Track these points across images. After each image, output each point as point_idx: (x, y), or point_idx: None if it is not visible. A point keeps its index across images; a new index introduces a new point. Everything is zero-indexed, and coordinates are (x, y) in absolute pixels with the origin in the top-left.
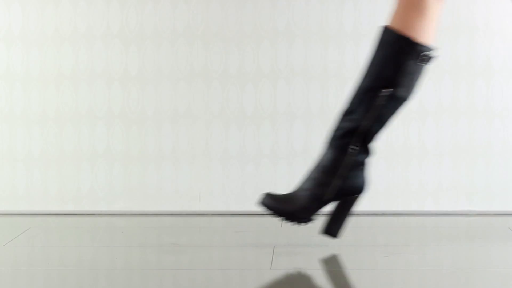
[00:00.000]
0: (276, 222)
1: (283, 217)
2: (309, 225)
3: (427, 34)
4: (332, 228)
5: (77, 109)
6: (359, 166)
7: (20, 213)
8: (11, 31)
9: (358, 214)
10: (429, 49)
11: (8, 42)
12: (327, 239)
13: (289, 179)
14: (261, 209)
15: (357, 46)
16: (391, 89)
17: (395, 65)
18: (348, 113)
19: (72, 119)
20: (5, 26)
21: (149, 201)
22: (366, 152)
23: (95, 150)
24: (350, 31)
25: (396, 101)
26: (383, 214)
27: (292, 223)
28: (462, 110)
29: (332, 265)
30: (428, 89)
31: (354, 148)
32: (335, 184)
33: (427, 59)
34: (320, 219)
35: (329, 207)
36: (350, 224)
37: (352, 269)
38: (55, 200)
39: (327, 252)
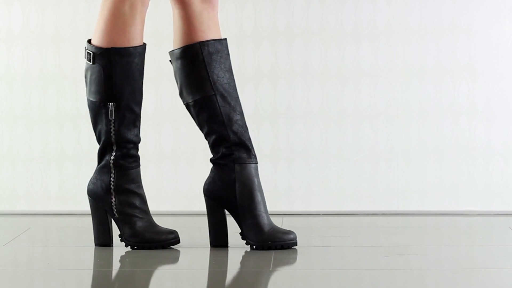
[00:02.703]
0: (277, 223)
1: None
2: (307, 226)
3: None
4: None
5: (77, 109)
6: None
7: (20, 213)
8: (11, 31)
9: (358, 214)
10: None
11: (8, 42)
12: (327, 239)
13: (289, 179)
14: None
15: (357, 46)
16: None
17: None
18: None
19: (72, 119)
20: (5, 26)
21: (149, 201)
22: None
23: (95, 150)
24: (350, 31)
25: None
26: (383, 214)
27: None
28: (462, 110)
29: (332, 265)
30: (428, 89)
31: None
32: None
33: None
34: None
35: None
36: (350, 224)
37: (352, 269)
38: (55, 200)
39: (327, 252)
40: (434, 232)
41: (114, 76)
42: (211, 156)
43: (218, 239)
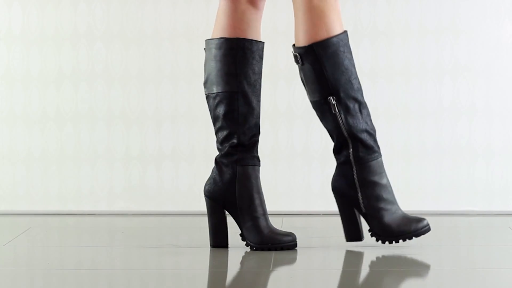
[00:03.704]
0: (277, 223)
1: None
2: (312, 227)
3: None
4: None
5: (77, 109)
6: None
7: (20, 213)
8: (11, 31)
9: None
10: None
11: (8, 42)
12: (327, 239)
13: (289, 179)
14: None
15: (357, 46)
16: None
17: None
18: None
19: (72, 119)
20: (5, 26)
21: (149, 201)
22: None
23: (95, 150)
24: (350, 31)
25: None
26: None
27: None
28: (462, 110)
29: (332, 265)
30: (428, 89)
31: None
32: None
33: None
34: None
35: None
36: None
37: (352, 269)
38: (55, 200)
39: (327, 253)
40: (435, 232)
41: (325, 70)
42: (217, 154)
43: (218, 240)
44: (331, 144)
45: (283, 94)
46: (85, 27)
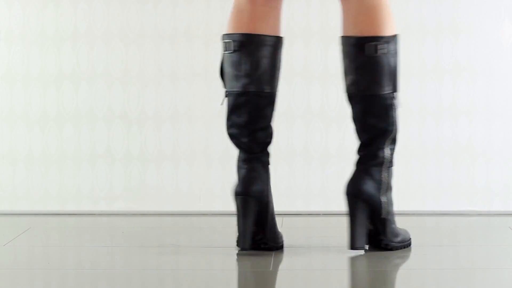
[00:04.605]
0: (277, 223)
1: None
2: (307, 226)
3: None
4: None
5: (77, 109)
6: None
7: (20, 213)
8: (11, 31)
9: None
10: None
11: (8, 42)
12: (327, 239)
13: (289, 179)
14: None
15: None
16: None
17: None
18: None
19: (72, 119)
20: (5, 26)
21: (149, 201)
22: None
23: (95, 150)
24: None
25: None
26: None
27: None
28: (462, 110)
29: (332, 265)
30: (428, 89)
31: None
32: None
33: None
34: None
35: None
36: None
37: (351, 269)
38: (55, 200)
39: (327, 253)
40: (434, 232)
41: (398, 65)
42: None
43: (248, 242)
44: (331, 144)
45: (283, 94)
46: (85, 27)
